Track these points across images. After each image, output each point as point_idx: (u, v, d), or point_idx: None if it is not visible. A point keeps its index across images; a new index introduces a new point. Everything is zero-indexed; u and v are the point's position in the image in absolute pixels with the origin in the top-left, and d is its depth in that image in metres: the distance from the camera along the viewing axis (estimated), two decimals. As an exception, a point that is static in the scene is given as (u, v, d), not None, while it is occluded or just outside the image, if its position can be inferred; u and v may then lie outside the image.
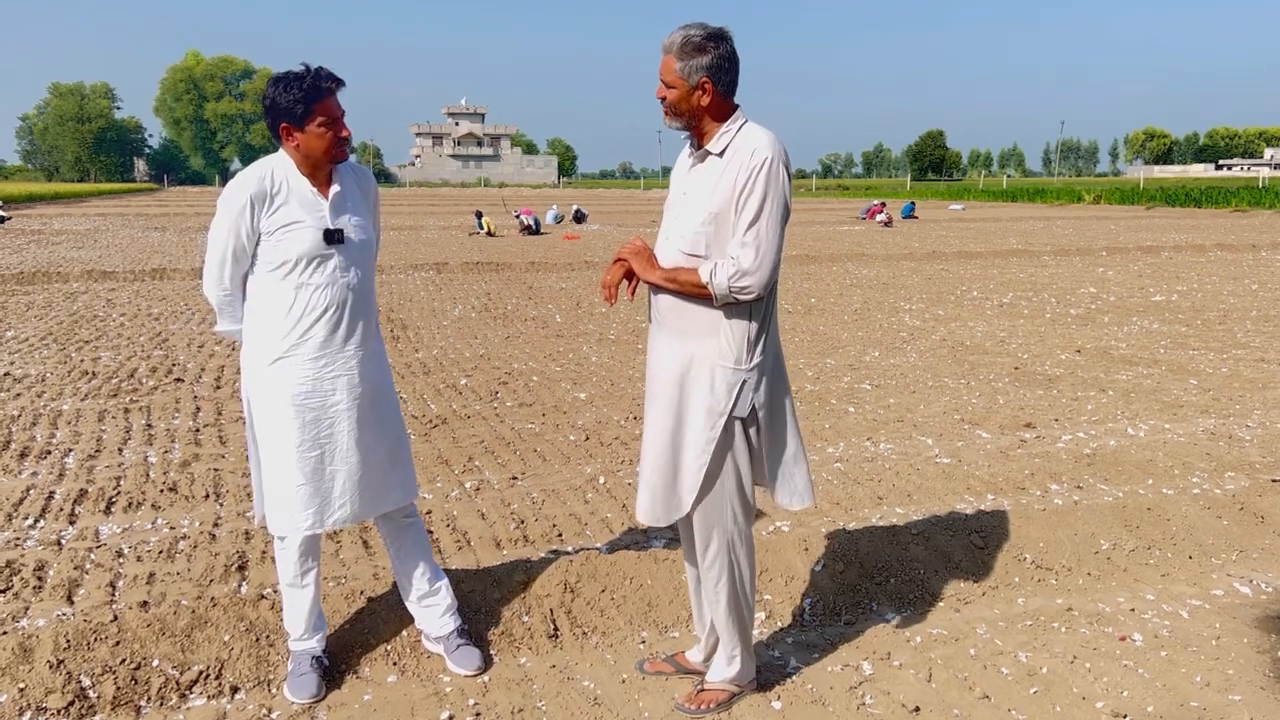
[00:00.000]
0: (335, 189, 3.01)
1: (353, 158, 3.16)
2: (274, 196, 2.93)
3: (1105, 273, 15.69)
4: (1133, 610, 3.70)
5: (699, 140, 2.79)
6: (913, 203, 36.38)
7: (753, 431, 2.84)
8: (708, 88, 2.69)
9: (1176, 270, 15.97)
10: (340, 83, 2.93)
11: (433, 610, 3.30)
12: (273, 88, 2.89)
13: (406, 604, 3.36)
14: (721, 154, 2.72)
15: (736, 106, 2.77)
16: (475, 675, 3.22)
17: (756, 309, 2.76)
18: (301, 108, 2.86)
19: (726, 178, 2.69)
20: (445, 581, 3.35)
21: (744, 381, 2.77)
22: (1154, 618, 3.64)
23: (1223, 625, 3.57)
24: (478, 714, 3.02)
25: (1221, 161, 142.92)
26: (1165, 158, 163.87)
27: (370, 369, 3.10)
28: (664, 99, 2.75)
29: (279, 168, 2.97)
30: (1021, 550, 4.10)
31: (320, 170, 2.99)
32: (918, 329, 10.13)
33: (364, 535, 4.34)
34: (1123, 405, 6.78)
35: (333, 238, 2.96)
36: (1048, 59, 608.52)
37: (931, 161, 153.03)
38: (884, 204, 33.70)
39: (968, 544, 4.11)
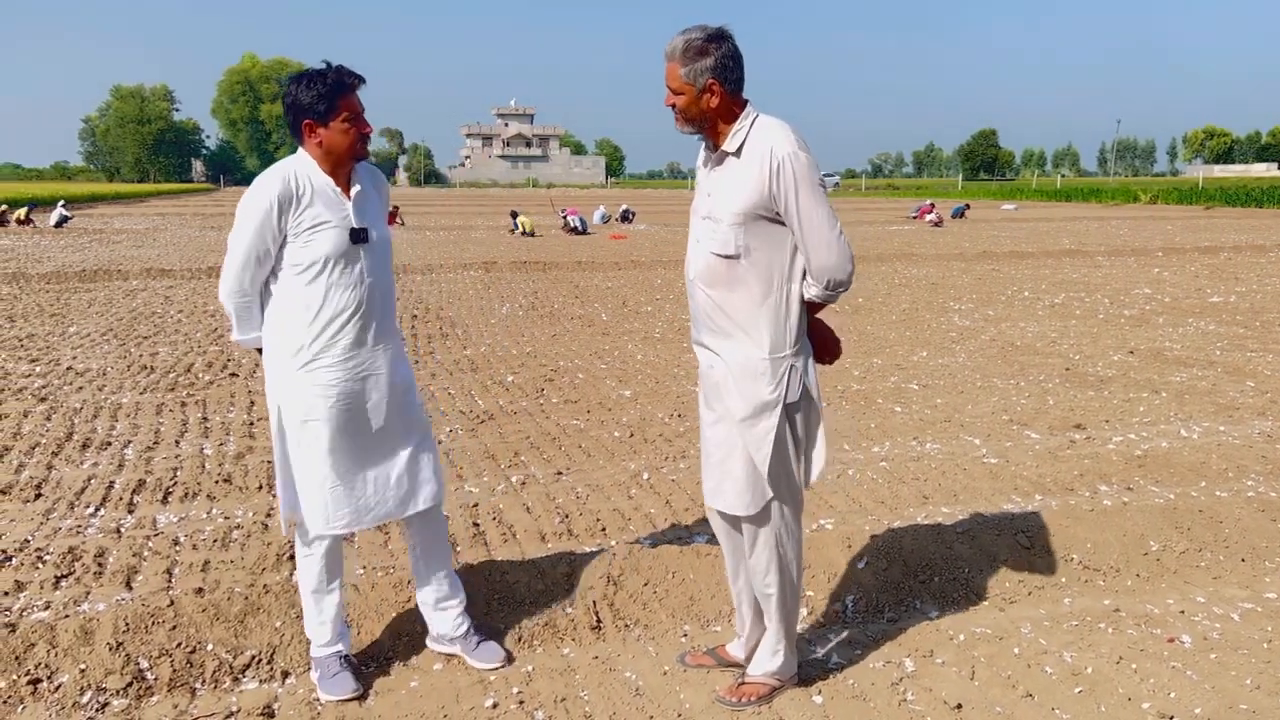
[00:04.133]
0: (356, 188, 3.00)
1: (404, 159, 3.18)
2: (300, 198, 2.91)
3: (1161, 273, 15.39)
4: (1182, 612, 3.65)
5: (714, 142, 2.81)
6: (967, 204, 35.79)
7: (799, 418, 2.85)
8: (715, 89, 2.70)
9: (1235, 271, 15.63)
10: (361, 80, 2.94)
11: (448, 613, 3.31)
12: (294, 85, 2.89)
13: (420, 604, 3.36)
14: (738, 153, 2.74)
15: (746, 102, 2.78)
16: (499, 669, 3.25)
17: (792, 296, 2.79)
18: (325, 104, 2.86)
19: (747, 177, 2.71)
20: (461, 588, 3.37)
21: (790, 366, 2.80)
22: (1204, 620, 3.58)
23: (1275, 628, 3.51)
24: (521, 702, 3.07)
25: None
26: (1226, 157, 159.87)
27: (397, 367, 3.12)
28: (674, 106, 2.77)
29: (301, 168, 2.95)
30: (1069, 550, 4.06)
31: (341, 168, 2.98)
32: (967, 329, 10.03)
33: (412, 527, 4.42)
34: (1176, 407, 6.66)
35: (359, 236, 2.97)
36: (1103, 57, 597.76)
37: (984, 161, 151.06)
38: (934, 204, 33.37)
39: (1014, 543, 4.08)
